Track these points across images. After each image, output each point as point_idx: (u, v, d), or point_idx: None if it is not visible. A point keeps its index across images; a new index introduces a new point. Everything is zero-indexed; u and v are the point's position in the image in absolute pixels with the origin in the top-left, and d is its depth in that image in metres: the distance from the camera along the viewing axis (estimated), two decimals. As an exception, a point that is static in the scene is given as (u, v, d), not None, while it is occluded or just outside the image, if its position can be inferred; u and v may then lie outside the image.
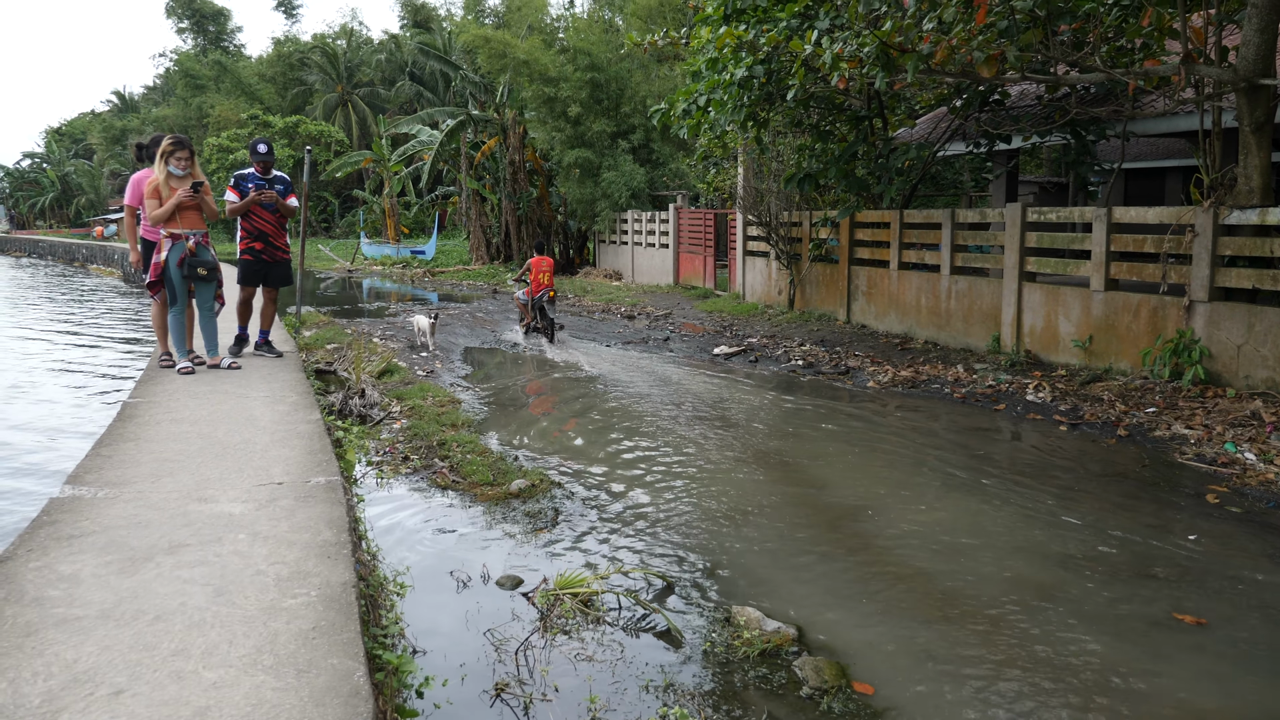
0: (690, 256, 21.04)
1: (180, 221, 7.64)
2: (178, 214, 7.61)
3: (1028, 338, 10.47)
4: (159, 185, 7.63)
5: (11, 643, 2.84)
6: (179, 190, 7.61)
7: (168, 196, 7.62)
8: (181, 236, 7.65)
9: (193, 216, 7.73)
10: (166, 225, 7.61)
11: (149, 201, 7.66)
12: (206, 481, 4.55)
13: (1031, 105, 12.42)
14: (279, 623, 3.00)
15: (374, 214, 41.51)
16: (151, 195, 7.64)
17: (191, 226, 7.72)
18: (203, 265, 7.77)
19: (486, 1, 45.85)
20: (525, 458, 7.18)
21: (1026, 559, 5.08)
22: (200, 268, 7.76)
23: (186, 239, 7.66)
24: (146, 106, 75.27)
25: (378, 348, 12.32)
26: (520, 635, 4.21)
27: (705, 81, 11.98)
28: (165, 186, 7.63)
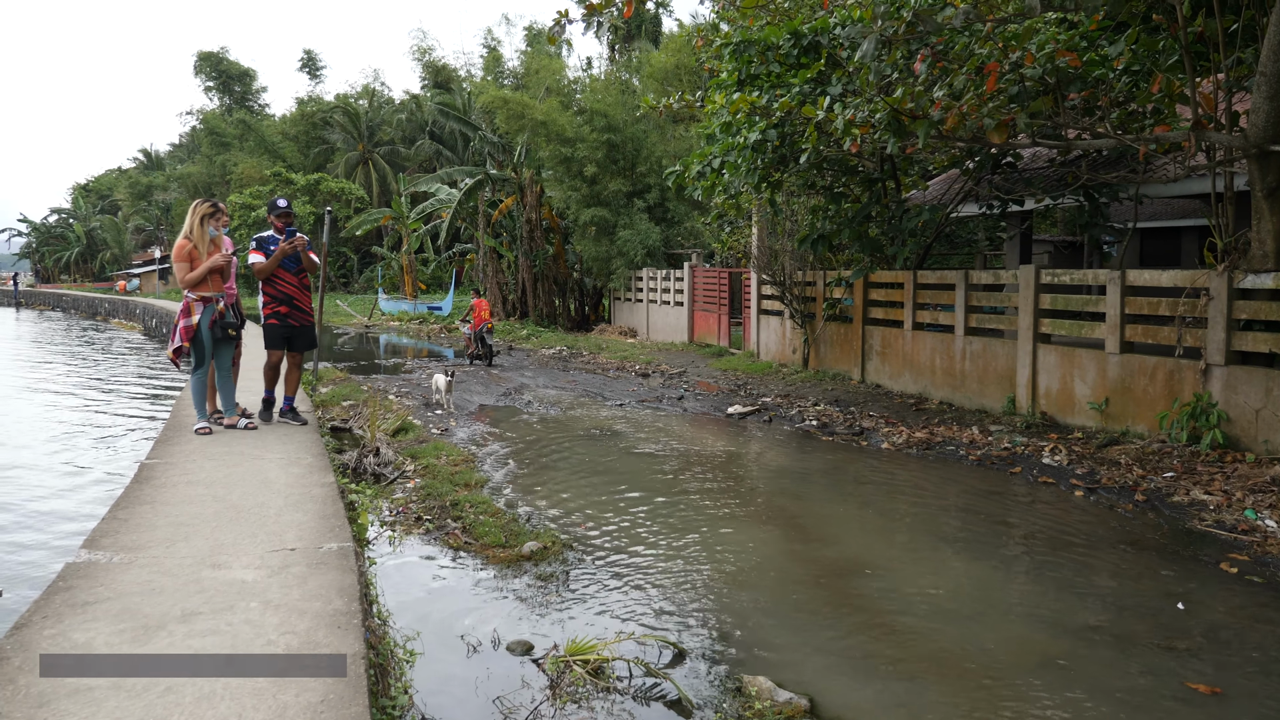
0: (705, 314, 21.14)
1: (210, 284, 7.77)
2: (208, 277, 7.75)
3: (1043, 399, 10.43)
4: (193, 249, 7.75)
5: (25, 713, 2.85)
6: (217, 255, 7.76)
7: (203, 259, 7.75)
8: (212, 299, 7.78)
9: (218, 279, 7.85)
10: (197, 289, 7.72)
11: (179, 265, 7.75)
12: (220, 547, 4.57)
13: (1044, 168, 12.53)
14: (289, 695, 3.00)
15: (392, 270, 41.96)
16: (183, 258, 7.75)
17: (219, 289, 7.85)
18: (231, 326, 7.92)
19: (505, 64, 46.79)
20: (538, 519, 7.17)
21: (1042, 627, 5.02)
22: (229, 329, 7.90)
23: (217, 302, 7.79)
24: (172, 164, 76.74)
25: (393, 405, 12.38)
26: (530, 704, 4.18)
27: (719, 144, 12.15)
28: (204, 248, 7.77)
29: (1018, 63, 8.51)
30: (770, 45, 11.13)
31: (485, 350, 17.90)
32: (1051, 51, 8.50)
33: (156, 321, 32.75)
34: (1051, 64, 8.52)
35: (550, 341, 23.32)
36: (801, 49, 10.86)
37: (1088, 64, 9.18)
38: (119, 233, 77.43)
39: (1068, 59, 8.46)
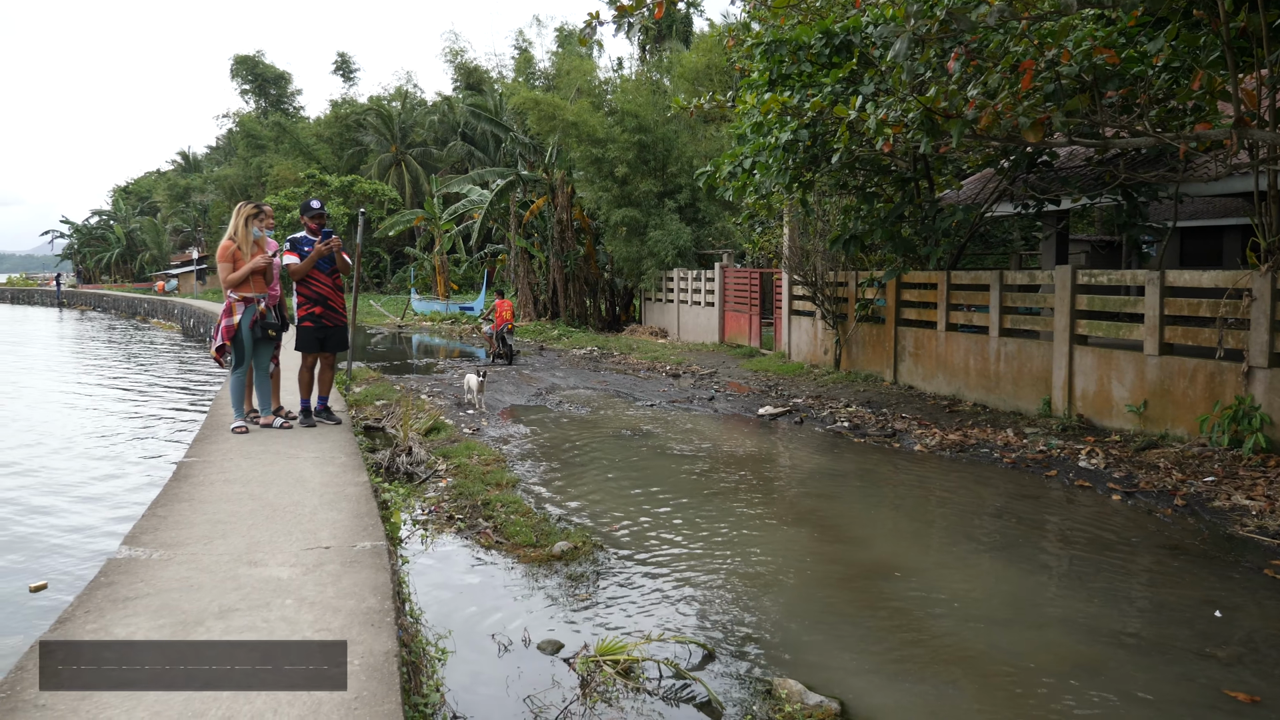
0: (736, 315, 21.09)
1: (252, 285, 7.89)
2: (251, 278, 7.87)
3: (1080, 401, 10.30)
4: (237, 250, 7.87)
5: (69, 705, 2.91)
6: (258, 257, 7.88)
7: (247, 260, 7.88)
8: (254, 300, 7.90)
9: (260, 280, 7.97)
10: (239, 290, 7.84)
11: (222, 265, 7.88)
12: (257, 544, 4.63)
13: (1081, 166, 12.37)
14: (323, 692, 3.03)
15: (424, 270, 42.26)
16: (227, 259, 7.87)
17: (261, 290, 7.96)
18: (272, 327, 8.04)
19: (536, 65, 46.96)
20: (568, 518, 7.20)
21: (1077, 632, 4.96)
22: (270, 329, 8.02)
23: (258, 303, 7.91)
24: (209, 166, 77.75)
25: (425, 405, 12.47)
26: (560, 703, 4.20)
27: (750, 145, 12.12)
28: (248, 249, 7.89)
29: (1054, 60, 8.40)
30: (802, 45, 11.08)
31: (506, 350, 18.86)
32: (1089, 48, 8.39)
33: (194, 321, 33.20)
34: (1089, 61, 8.40)
35: (581, 342, 23.38)
36: (833, 48, 10.79)
37: (1126, 61, 9.05)
38: (158, 234, 78.59)
39: (1105, 56, 8.34)
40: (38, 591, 6.27)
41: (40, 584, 6.37)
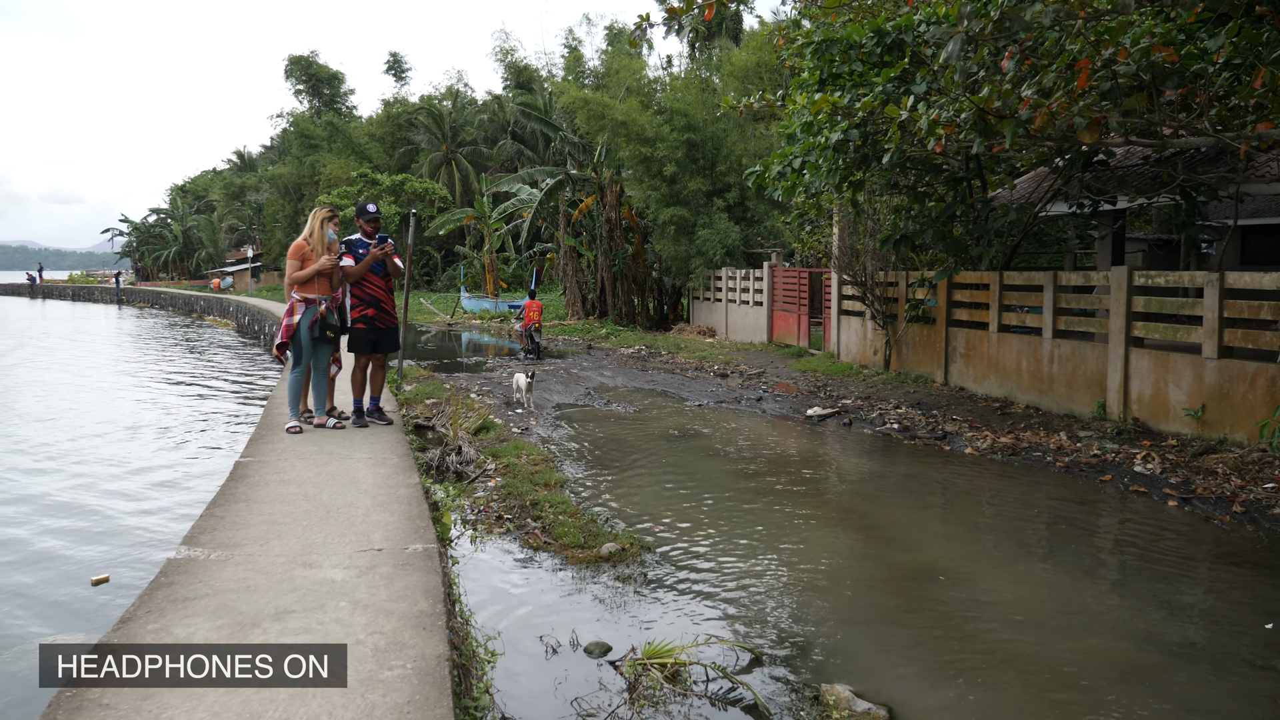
0: (784, 314, 21.00)
1: (315, 287, 8.10)
2: (315, 279, 8.08)
3: (1135, 405, 10.11)
4: (309, 250, 8.11)
5: (131, 704, 3.01)
6: (325, 258, 8.08)
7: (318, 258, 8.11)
8: (315, 301, 8.10)
9: (325, 283, 8.17)
10: (302, 289, 8.06)
11: (291, 262, 8.13)
12: (311, 546, 4.73)
13: (1138, 165, 12.13)
14: (376, 695, 3.10)
15: (474, 269, 42.63)
16: (296, 256, 8.12)
17: (324, 293, 8.16)
18: (331, 329, 8.22)
19: (586, 63, 47.10)
20: (616, 519, 7.23)
21: (1130, 641, 4.88)
22: (329, 330, 8.20)
23: (319, 304, 8.11)
24: (263, 165, 79.13)
25: (474, 403, 12.60)
26: (608, 706, 4.23)
27: (800, 144, 12.05)
28: (321, 250, 8.11)
29: (1111, 59, 8.24)
30: (853, 44, 10.99)
31: (534, 346, 20.34)
32: (1147, 46, 8.21)
33: (249, 319, 33.83)
34: (1147, 60, 8.23)
35: (629, 341, 23.43)
36: (885, 47, 10.70)
37: (1185, 58, 8.84)
38: (214, 232, 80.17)
39: (1164, 54, 8.17)
40: (99, 585, 6.41)
41: (102, 577, 6.50)
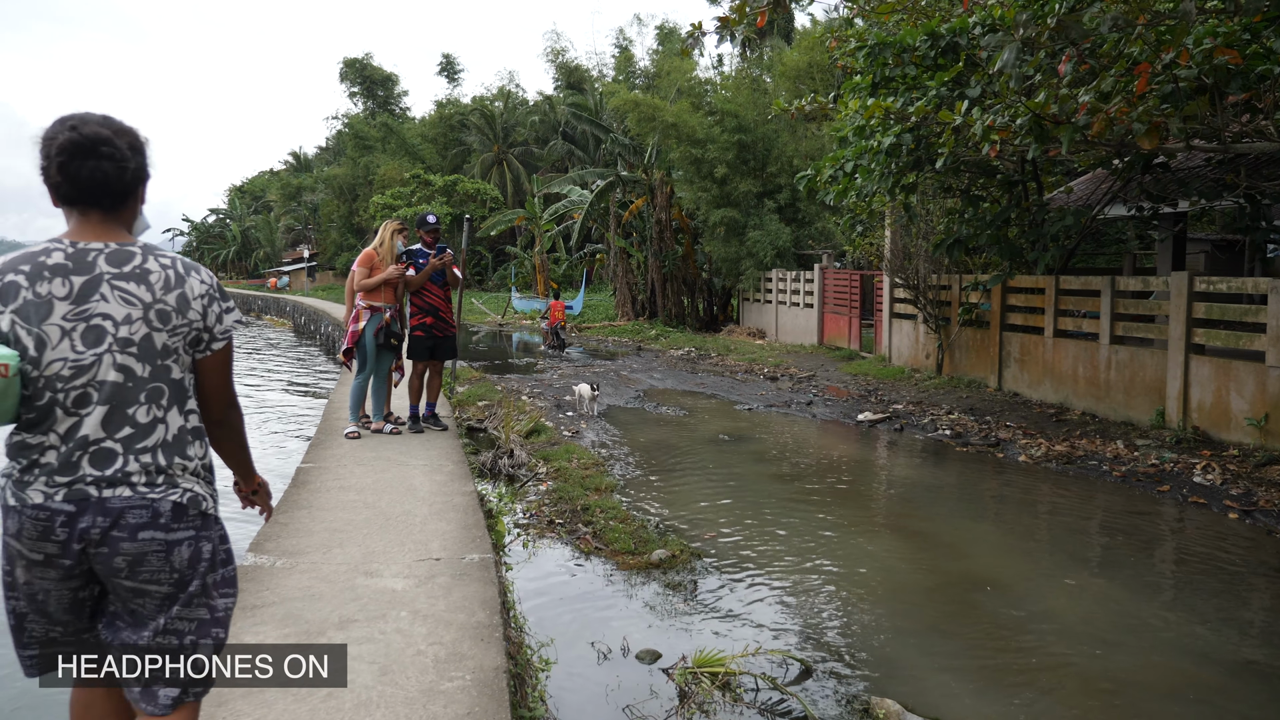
0: (835, 317, 20.89)
1: (381, 295, 8.38)
2: (381, 288, 8.37)
3: (1195, 413, 9.92)
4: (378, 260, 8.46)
5: (205, 712, 3.14)
6: (392, 267, 8.39)
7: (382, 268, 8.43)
8: (380, 309, 8.38)
9: (390, 292, 8.44)
10: (368, 297, 8.35)
11: (359, 269, 8.47)
12: (372, 554, 4.87)
13: (1200, 167, 11.89)
14: (437, 706, 3.20)
15: (525, 269, 42.98)
16: (365, 264, 8.48)
17: (389, 301, 8.43)
18: (394, 336, 8.53)
19: (637, 63, 47.21)
20: (666, 525, 7.28)
21: (1188, 658, 4.82)
22: (393, 338, 8.51)
23: (384, 312, 8.39)
24: (319, 165, 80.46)
25: (526, 406, 12.73)
26: (659, 714, 4.29)
27: (852, 148, 12.00)
28: (389, 261, 8.44)
29: (1171, 62, 8.10)
30: (906, 47, 10.92)
31: (558, 343, 22.50)
32: (1210, 48, 8.06)
33: (305, 319, 34.47)
34: (1209, 63, 8.08)
35: (678, 342, 23.48)
36: (939, 50, 10.61)
37: (1250, 59, 8.65)
38: (271, 232, 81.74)
39: (1228, 57, 8.00)
40: None
41: None
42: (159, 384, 2.32)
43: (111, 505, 2.23)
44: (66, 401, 2.23)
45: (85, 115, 2.30)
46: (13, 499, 2.23)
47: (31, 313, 2.21)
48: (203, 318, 2.37)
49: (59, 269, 2.25)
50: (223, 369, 2.45)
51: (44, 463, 2.23)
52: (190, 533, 2.33)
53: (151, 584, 2.28)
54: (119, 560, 2.24)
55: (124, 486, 2.25)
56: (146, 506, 2.26)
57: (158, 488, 2.29)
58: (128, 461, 2.26)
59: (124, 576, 2.26)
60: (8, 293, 2.21)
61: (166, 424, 2.34)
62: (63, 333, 2.22)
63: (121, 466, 2.25)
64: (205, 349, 2.41)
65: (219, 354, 2.43)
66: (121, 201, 2.35)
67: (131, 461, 2.27)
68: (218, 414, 2.49)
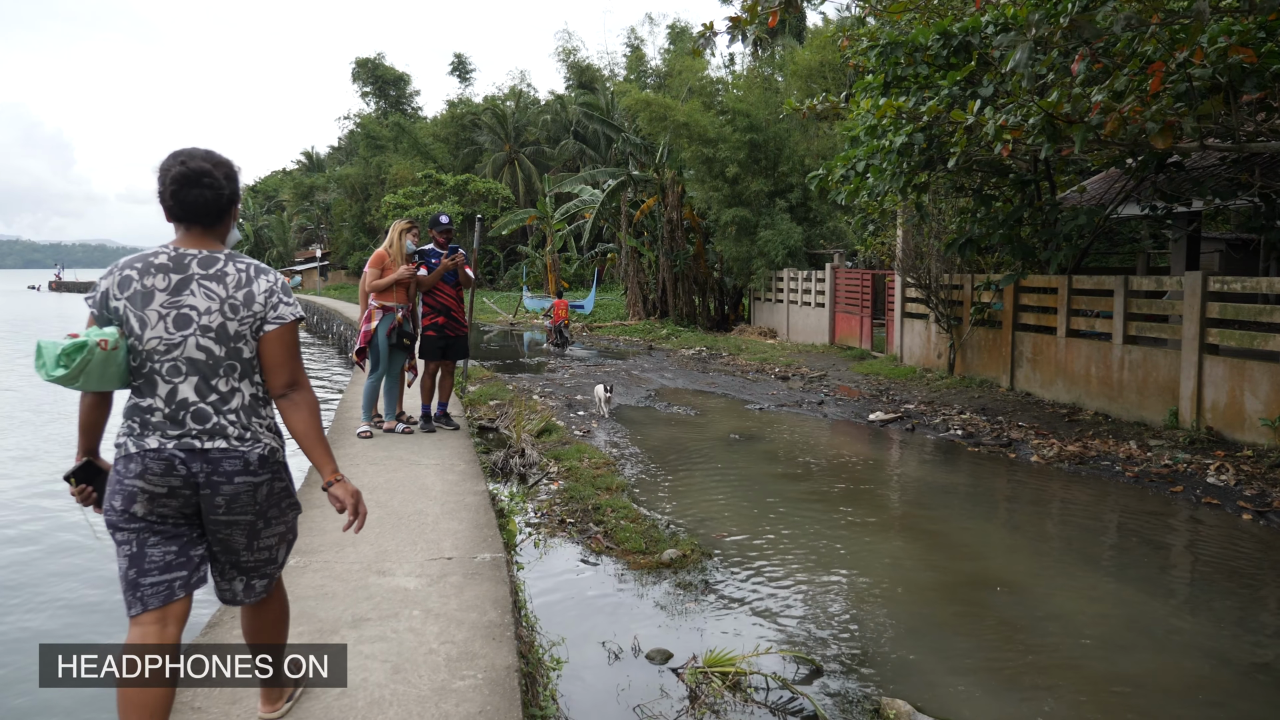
0: (847, 316, 20.86)
1: (393, 295, 8.41)
2: (393, 288, 8.40)
3: (1209, 413, 9.88)
4: (390, 261, 8.47)
5: (221, 709, 3.17)
6: (403, 267, 8.37)
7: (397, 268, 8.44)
8: (393, 309, 8.41)
9: (402, 292, 8.47)
10: (380, 297, 8.38)
11: (371, 270, 8.49)
12: (384, 554, 4.89)
13: (1214, 165, 11.82)
14: (449, 704, 3.22)
15: (536, 269, 43.01)
16: (376, 265, 8.50)
17: (401, 301, 8.45)
18: (407, 336, 8.56)
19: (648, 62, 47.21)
20: (677, 525, 7.29)
21: (1201, 660, 4.80)
22: (405, 338, 8.54)
23: (396, 312, 8.41)
24: (331, 165, 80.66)
25: (537, 405, 12.76)
26: (669, 713, 4.30)
27: (864, 147, 11.97)
28: (399, 261, 8.44)
29: (1186, 61, 8.06)
30: (918, 46, 10.90)
31: (561, 340, 23.16)
32: (1224, 47, 8.01)
33: (317, 318, 34.58)
34: (1224, 61, 8.03)
35: (689, 341, 23.48)
36: (951, 49, 10.59)
37: (1265, 57, 8.60)
38: (284, 231, 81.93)
39: (1242, 55, 7.96)
40: None
41: None
42: (232, 361, 2.90)
43: (212, 455, 2.84)
44: (162, 371, 2.83)
45: (192, 151, 2.92)
46: (133, 447, 2.81)
47: (139, 300, 2.82)
48: (263, 310, 2.94)
49: (162, 268, 2.86)
50: (278, 348, 2.97)
51: (154, 421, 2.83)
52: (268, 476, 2.96)
53: (241, 515, 2.92)
54: (219, 499, 2.86)
55: (220, 439, 2.86)
56: (239, 457, 2.87)
57: (246, 441, 2.90)
58: (220, 420, 2.87)
59: (221, 513, 2.88)
60: (125, 283, 2.84)
61: (241, 392, 2.93)
62: (159, 317, 2.83)
63: (217, 422, 2.86)
64: (262, 331, 2.95)
65: (272, 335, 2.96)
66: (217, 220, 2.98)
67: (222, 420, 2.87)
68: (279, 388, 2.98)
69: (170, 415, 2.83)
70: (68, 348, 2.71)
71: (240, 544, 2.97)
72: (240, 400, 2.92)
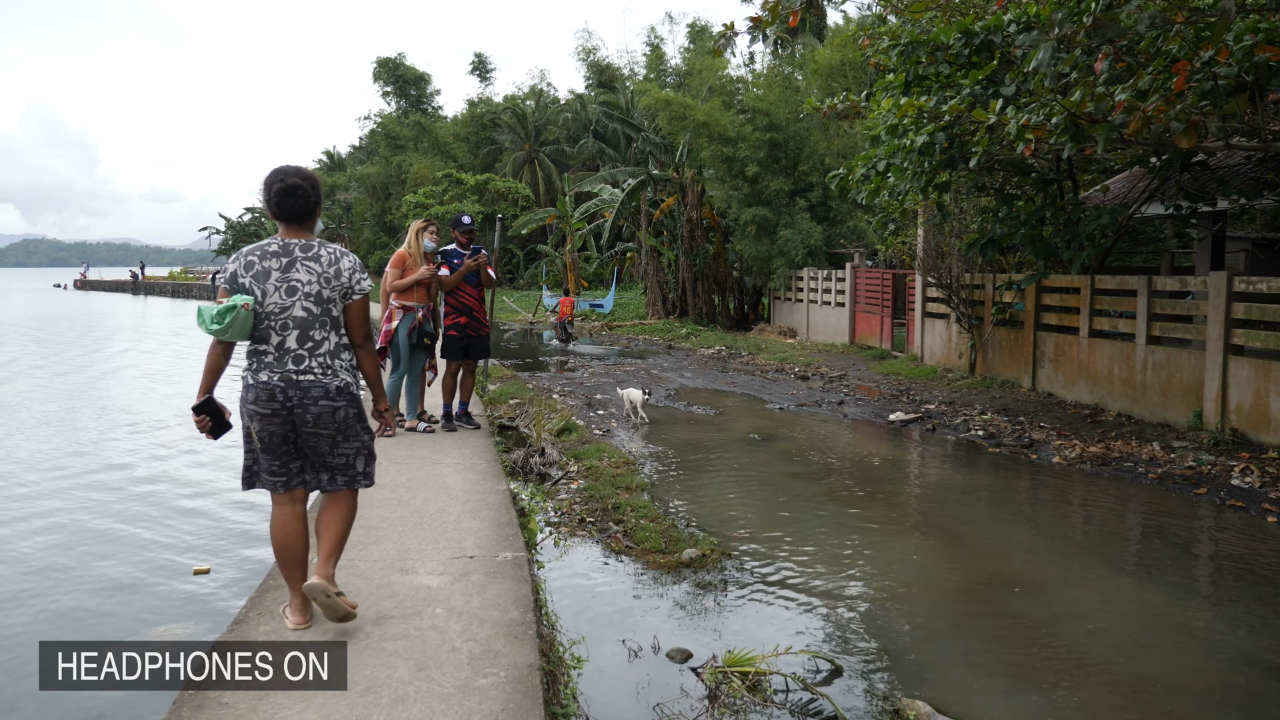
0: (867, 316, 20.80)
1: (414, 295, 8.49)
2: (413, 288, 8.48)
3: (1234, 415, 9.80)
4: (410, 261, 8.56)
5: (248, 704, 3.22)
6: (423, 268, 8.43)
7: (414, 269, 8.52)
8: (413, 309, 8.48)
9: (423, 292, 8.55)
10: (401, 297, 8.46)
11: (392, 270, 8.58)
12: (407, 552, 4.94)
13: (1239, 165, 11.72)
14: (472, 702, 3.26)
15: (555, 267, 43.09)
16: (397, 265, 8.58)
17: (421, 301, 8.53)
18: (428, 335, 8.64)
19: (668, 61, 47.19)
20: (696, 524, 7.30)
21: (1224, 662, 4.77)
22: (425, 337, 8.62)
23: (417, 312, 8.49)
24: (352, 164, 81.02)
25: (557, 404, 12.80)
26: (689, 712, 4.31)
27: (885, 147, 11.94)
28: (419, 260, 8.52)
29: (1211, 59, 7.99)
30: (940, 45, 10.86)
31: (566, 335, 24.17)
32: (1250, 45, 7.94)
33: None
34: (1250, 60, 7.96)
35: (709, 341, 23.47)
36: (973, 48, 10.55)
37: (1291, 56, 8.52)
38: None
39: (1269, 54, 7.88)
40: (200, 575, 6.56)
41: (204, 567, 6.64)
42: (324, 318, 4.06)
43: (303, 384, 3.99)
44: (275, 326, 3.99)
45: (287, 169, 4.12)
46: (251, 380, 3.99)
47: (260, 277, 3.99)
48: (348, 283, 4.13)
49: (275, 253, 4.05)
50: (358, 313, 4.20)
51: (266, 361, 3.99)
52: (344, 403, 4.09)
53: (324, 430, 4.05)
54: (308, 416, 3.99)
55: (309, 374, 4.01)
56: (322, 386, 4.02)
57: (327, 375, 4.05)
58: (310, 360, 4.02)
59: (309, 427, 4.02)
60: (248, 266, 4.00)
61: (329, 340, 4.08)
62: (275, 288, 3.99)
63: (308, 363, 4.01)
64: (348, 299, 4.16)
65: (356, 304, 4.19)
66: (307, 218, 4.17)
67: (312, 360, 4.02)
68: (358, 340, 4.23)
69: (277, 358, 3.98)
70: (220, 310, 3.86)
71: (325, 450, 4.09)
72: (327, 346, 4.06)
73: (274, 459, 4.03)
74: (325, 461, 4.11)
